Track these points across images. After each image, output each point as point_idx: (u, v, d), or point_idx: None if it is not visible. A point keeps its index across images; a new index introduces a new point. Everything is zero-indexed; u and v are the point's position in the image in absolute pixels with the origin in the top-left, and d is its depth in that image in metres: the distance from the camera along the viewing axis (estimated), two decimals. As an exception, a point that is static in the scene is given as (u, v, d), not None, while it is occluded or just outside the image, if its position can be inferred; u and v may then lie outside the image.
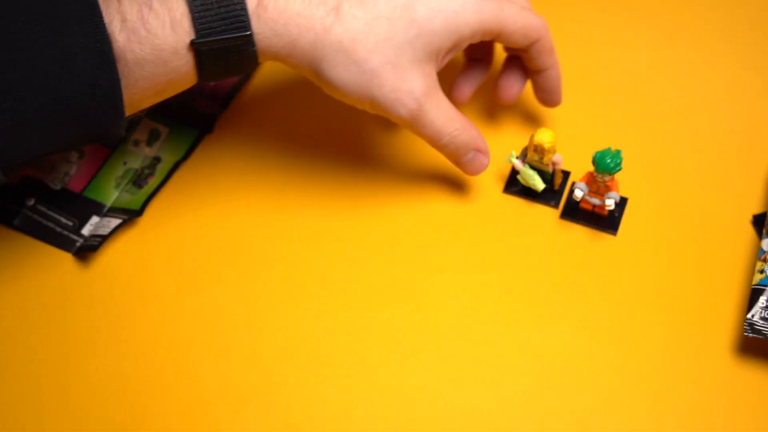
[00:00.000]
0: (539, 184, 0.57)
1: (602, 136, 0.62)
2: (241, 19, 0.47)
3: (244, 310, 0.55)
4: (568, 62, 0.62)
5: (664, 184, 0.59)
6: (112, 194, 0.61)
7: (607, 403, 0.51)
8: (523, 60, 0.58)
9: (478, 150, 0.55)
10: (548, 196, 0.59)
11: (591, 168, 0.55)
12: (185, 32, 0.47)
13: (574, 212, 0.58)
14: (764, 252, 0.54)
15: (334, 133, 0.62)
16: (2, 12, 0.44)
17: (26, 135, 0.45)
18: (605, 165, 0.54)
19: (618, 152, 0.54)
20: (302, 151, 0.62)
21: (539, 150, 0.56)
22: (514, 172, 0.59)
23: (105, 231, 0.58)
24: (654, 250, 0.57)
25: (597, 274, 0.56)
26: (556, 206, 0.59)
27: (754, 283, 0.53)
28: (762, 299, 0.51)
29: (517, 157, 0.57)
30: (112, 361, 0.54)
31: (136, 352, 0.54)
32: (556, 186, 0.59)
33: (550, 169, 0.57)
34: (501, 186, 0.60)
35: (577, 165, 0.60)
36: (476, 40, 0.53)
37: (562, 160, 0.56)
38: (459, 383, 0.52)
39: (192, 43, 0.47)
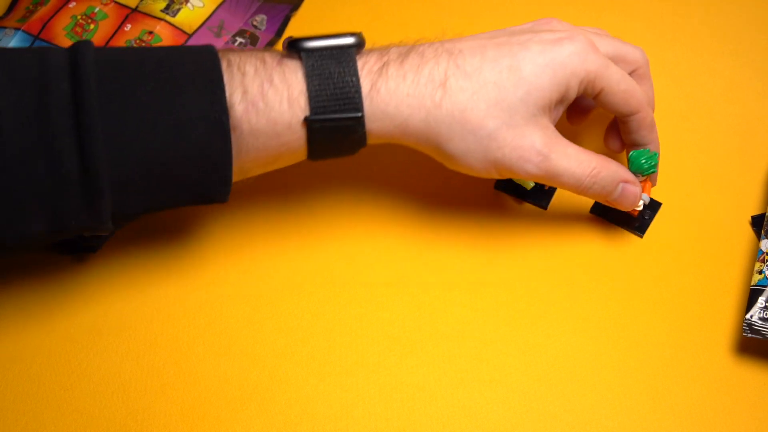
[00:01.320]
0: (529, 182, 0.58)
1: (601, 136, 0.62)
2: (354, 101, 0.49)
3: (244, 310, 0.55)
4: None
5: (664, 184, 0.59)
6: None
7: (606, 402, 0.52)
8: (621, 132, 0.57)
9: (625, 181, 0.54)
10: (539, 196, 0.59)
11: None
12: (300, 109, 0.48)
13: (605, 209, 0.58)
14: (763, 252, 0.54)
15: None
16: (134, 76, 0.46)
17: (138, 191, 0.47)
18: (639, 165, 0.54)
19: (655, 154, 0.54)
20: (302, 151, 0.62)
21: None
22: None
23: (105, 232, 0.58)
24: (653, 250, 0.57)
25: (596, 274, 0.56)
26: (545, 207, 0.59)
27: (752, 283, 0.53)
28: (761, 300, 0.51)
29: None
30: (112, 361, 0.54)
31: (136, 352, 0.54)
32: (547, 186, 0.59)
33: None
34: (492, 181, 0.60)
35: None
36: (581, 90, 0.52)
37: None
38: (459, 382, 0.52)
39: (306, 120, 0.49)
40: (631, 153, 0.54)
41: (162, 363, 0.54)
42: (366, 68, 0.50)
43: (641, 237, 0.58)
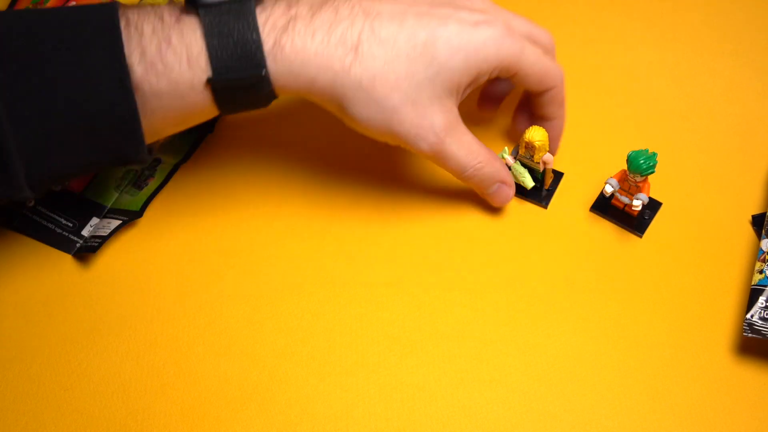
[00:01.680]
0: (528, 182, 0.58)
1: (601, 136, 0.62)
2: (257, 59, 0.48)
3: (244, 310, 0.55)
4: (568, 62, 0.62)
5: (664, 184, 0.59)
6: (112, 195, 0.61)
7: (607, 402, 0.51)
8: (531, 105, 0.58)
9: (503, 182, 0.56)
10: (539, 196, 0.59)
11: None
12: (201, 69, 0.48)
13: (605, 208, 0.58)
14: (763, 252, 0.54)
15: (335, 135, 0.62)
16: (32, 36, 0.46)
17: (49, 153, 0.47)
18: (637, 165, 0.54)
19: (654, 155, 0.54)
20: (303, 151, 0.62)
21: (530, 147, 0.56)
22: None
23: (105, 232, 0.58)
24: (653, 250, 0.57)
25: (596, 274, 0.56)
26: (545, 206, 0.59)
27: (753, 283, 0.53)
28: (761, 299, 0.51)
29: (510, 153, 0.58)
30: (112, 361, 0.54)
31: (136, 352, 0.54)
32: (546, 185, 0.59)
33: (541, 167, 0.57)
34: None
35: (574, 164, 0.60)
36: (494, 75, 0.53)
37: (552, 160, 0.57)
38: (459, 382, 0.52)
39: (208, 80, 0.48)
40: (630, 153, 0.54)
41: (162, 363, 0.54)
42: (270, 23, 0.48)
43: (641, 237, 0.58)
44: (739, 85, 0.64)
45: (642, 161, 0.54)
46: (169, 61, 0.47)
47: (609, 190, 0.56)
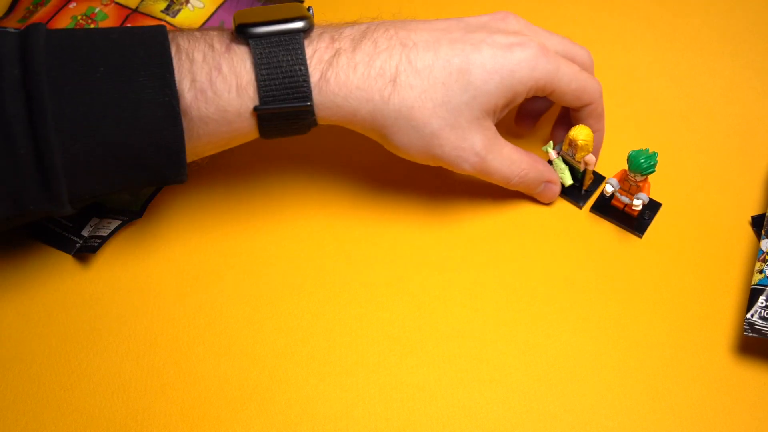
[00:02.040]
0: (567, 179, 0.58)
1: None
2: (303, 91, 0.49)
3: (244, 310, 0.55)
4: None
5: (664, 185, 0.59)
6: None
7: (607, 402, 0.51)
8: (571, 118, 0.59)
9: (549, 181, 0.58)
10: (577, 195, 0.59)
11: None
12: (249, 98, 0.49)
13: (605, 208, 0.58)
14: (763, 252, 0.54)
15: (336, 135, 0.62)
16: (84, 58, 0.47)
17: (92, 173, 0.48)
18: (638, 164, 0.54)
19: (654, 154, 0.54)
20: (303, 151, 0.62)
21: (573, 145, 0.56)
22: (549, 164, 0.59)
23: (105, 232, 0.58)
24: (653, 250, 0.57)
25: (596, 274, 0.56)
26: (581, 207, 0.59)
27: (753, 283, 0.53)
28: (761, 299, 0.51)
29: (554, 148, 0.58)
30: (112, 361, 0.54)
31: (136, 352, 0.54)
32: (585, 186, 0.59)
33: (581, 167, 0.57)
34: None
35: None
36: (530, 95, 0.54)
37: (594, 161, 0.57)
38: (459, 382, 0.52)
39: (255, 109, 0.49)
40: (630, 153, 0.54)
41: (162, 363, 0.54)
42: (316, 56, 0.50)
43: (641, 237, 0.58)
44: (739, 85, 0.64)
45: (642, 160, 0.54)
46: (218, 89, 0.48)
47: (609, 189, 0.56)
